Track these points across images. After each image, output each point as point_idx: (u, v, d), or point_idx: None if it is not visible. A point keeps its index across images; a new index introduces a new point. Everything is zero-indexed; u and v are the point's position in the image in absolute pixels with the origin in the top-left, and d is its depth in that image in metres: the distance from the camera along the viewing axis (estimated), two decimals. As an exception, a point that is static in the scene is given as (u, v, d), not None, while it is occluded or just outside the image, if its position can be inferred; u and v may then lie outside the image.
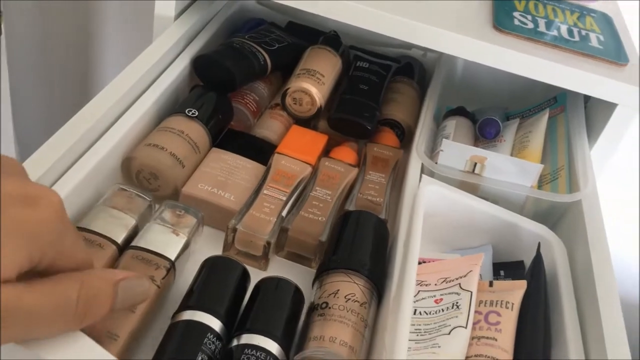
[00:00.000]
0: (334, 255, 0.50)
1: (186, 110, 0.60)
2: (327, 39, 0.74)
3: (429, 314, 0.48)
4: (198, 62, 0.66)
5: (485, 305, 0.48)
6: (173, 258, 0.48)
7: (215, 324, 0.43)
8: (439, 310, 0.48)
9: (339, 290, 0.47)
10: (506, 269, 0.56)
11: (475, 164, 0.59)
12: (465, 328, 0.46)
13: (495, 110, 0.70)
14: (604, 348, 0.44)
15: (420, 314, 0.49)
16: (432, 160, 0.60)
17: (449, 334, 0.45)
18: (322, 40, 0.74)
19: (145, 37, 0.66)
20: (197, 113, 0.60)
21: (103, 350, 0.36)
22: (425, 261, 0.54)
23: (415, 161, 0.60)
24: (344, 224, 0.53)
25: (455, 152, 0.59)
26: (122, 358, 0.42)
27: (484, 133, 0.68)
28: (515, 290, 0.49)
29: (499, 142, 0.67)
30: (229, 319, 0.45)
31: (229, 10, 0.77)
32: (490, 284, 0.50)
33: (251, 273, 0.50)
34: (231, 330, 0.45)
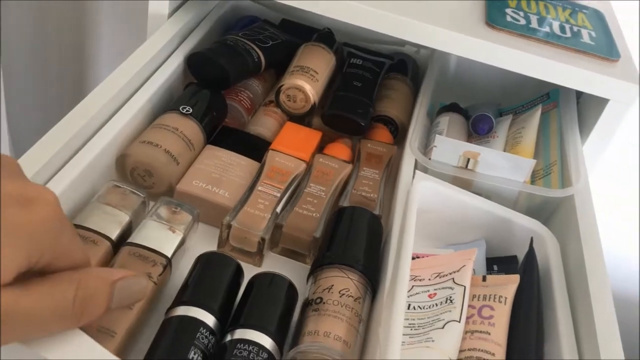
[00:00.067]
0: (328, 251, 0.50)
1: (180, 108, 0.60)
2: (321, 36, 0.74)
3: (423, 308, 0.49)
4: (192, 60, 0.66)
5: (478, 300, 0.49)
6: (170, 255, 0.48)
7: (208, 319, 0.43)
8: (433, 305, 0.48)
9: (333, 285, 0.47)
10: (499, 264, 0.56)
11: (469, 159, 0.59)
12: (459, 322, 0.46)
13: (488, 107, 0.71)
14: (596, 342, 0.44)
15: (414, 309, 0.49)
16: (426, 156, 0.60)
17: (443, 328, 0.46)
18: (316, 37, 0.74)
19: (140, 37, 0.67)
20: (192, 110, 0.60)
21: (102, 349, 0.36)
22: (419, 256, 0.55)
23: (408, 157, 0.60)
24: (338, 220, 0.54)
25: (448, 148, 0.60)
26: (119, 354, 0.42)
27: (477, 129, 0.69)
28: (509, 284, 0.49)
29: (492, 138, 0.68)
30: (222, 315, 0.45)
31: (222, 8, 0.77)
32: (484, 279, 0.50)
33: (246, 269, 0.50)
34: (225, 326, 0.45)
